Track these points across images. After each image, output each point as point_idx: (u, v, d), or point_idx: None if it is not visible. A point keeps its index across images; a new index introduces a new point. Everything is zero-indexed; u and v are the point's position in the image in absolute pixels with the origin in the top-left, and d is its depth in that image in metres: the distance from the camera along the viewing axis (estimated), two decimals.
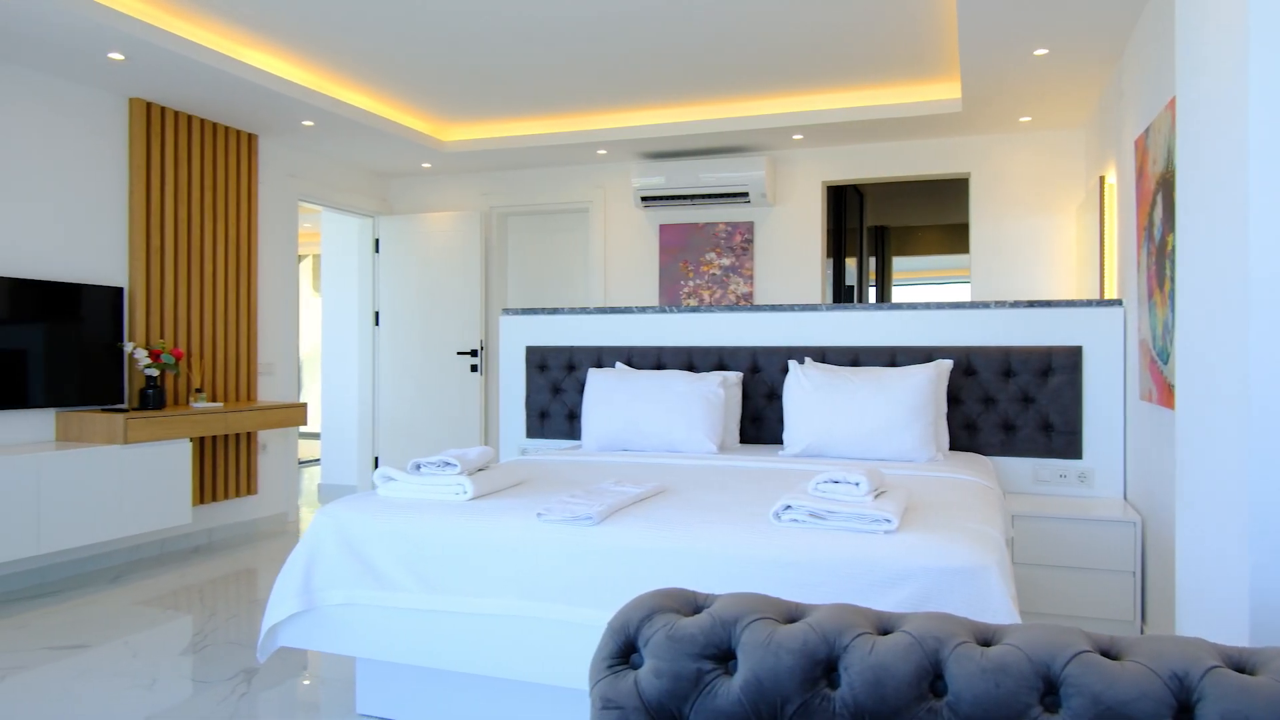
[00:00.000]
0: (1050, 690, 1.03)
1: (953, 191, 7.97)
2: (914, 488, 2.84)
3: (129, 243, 4.69)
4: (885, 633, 1.15)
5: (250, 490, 5.38)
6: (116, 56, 4.03)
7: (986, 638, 1.12)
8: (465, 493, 2.63)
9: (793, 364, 3.88)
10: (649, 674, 1.16)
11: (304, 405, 5.29)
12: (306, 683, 3.01)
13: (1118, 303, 3.75)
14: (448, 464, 2.71)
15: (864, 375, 3.71)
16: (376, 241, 6.69)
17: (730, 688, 1.13)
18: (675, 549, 2.23)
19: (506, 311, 4.72)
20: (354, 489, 6.80)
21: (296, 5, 3.83)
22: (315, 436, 8.92)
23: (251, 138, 5.38)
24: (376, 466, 6.68)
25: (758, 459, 3.51)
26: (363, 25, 4.07)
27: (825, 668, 1.11)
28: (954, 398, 3.90)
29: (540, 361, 4.61)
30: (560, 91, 5.12)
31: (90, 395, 4.42)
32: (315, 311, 9.55)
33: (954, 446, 3.90)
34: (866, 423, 3.56)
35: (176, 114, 4.88)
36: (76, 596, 4.00)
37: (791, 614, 1.21)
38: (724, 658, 1.16)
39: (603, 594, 2.28)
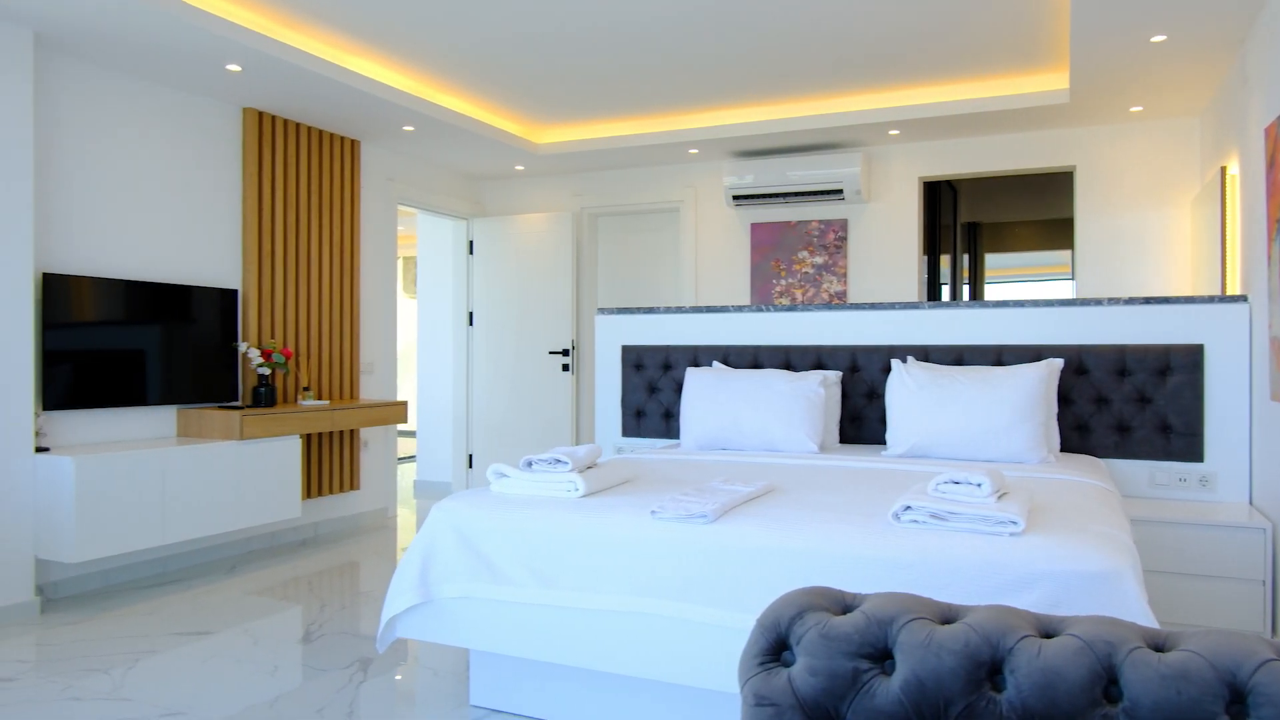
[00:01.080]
0: (1236, 699, 0.99)
1: (1052, 185, 7.73)
2: (1033, 489, 2.76)
3: (242, 246, 4.88)
4: (1048, 635, 1.12)
5: (353, 486, 5.54)
6: (234, 68, 4.20)
7: (1158, 643, 1.08)
8: (577, 490, 2.67)
9: (895, 363, 3.81)
10: (803, 672, 1.16)
11: (404, 403, 5.43)
12: (421, 673, 3.09)
13: (1242, 299, 3.58)
14: (559, 461, 2.75)
15: (970, 374, 3.62)
16: (471, 243, 6.82)
17: (889, 688, 1.11)
18: (793, 548, 2.22)
19: (602, 311, 4.76)
20: (448, 486, 6.95)
21: (402, 13, 3.93)
22: (411, 435, 9.14)
23: (354, 143, 5.55)
24: (470, 464, 6.82)
25: (861, 459, 3.46)
26: (463, 30, 4.16)
27: (989, 670, 1.09)
28: (1064, 398, 3.78)
29: (636, 360, 4.64)
30: (652, 91, 5.14)
31: (207, 393, 4.62)
32: (407, 312, 9.79)
33: (1065, 448, 3.78)
34: (974, 423, 3.48)
35: (285, 122, 5.06)
36: (196, 585, 4.18)
37: (945, 614, 1.19)
38: (880, 657, 1.15)
39: (717, 592, 2.28)
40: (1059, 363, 3.67)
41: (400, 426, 9.01)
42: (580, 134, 5.99)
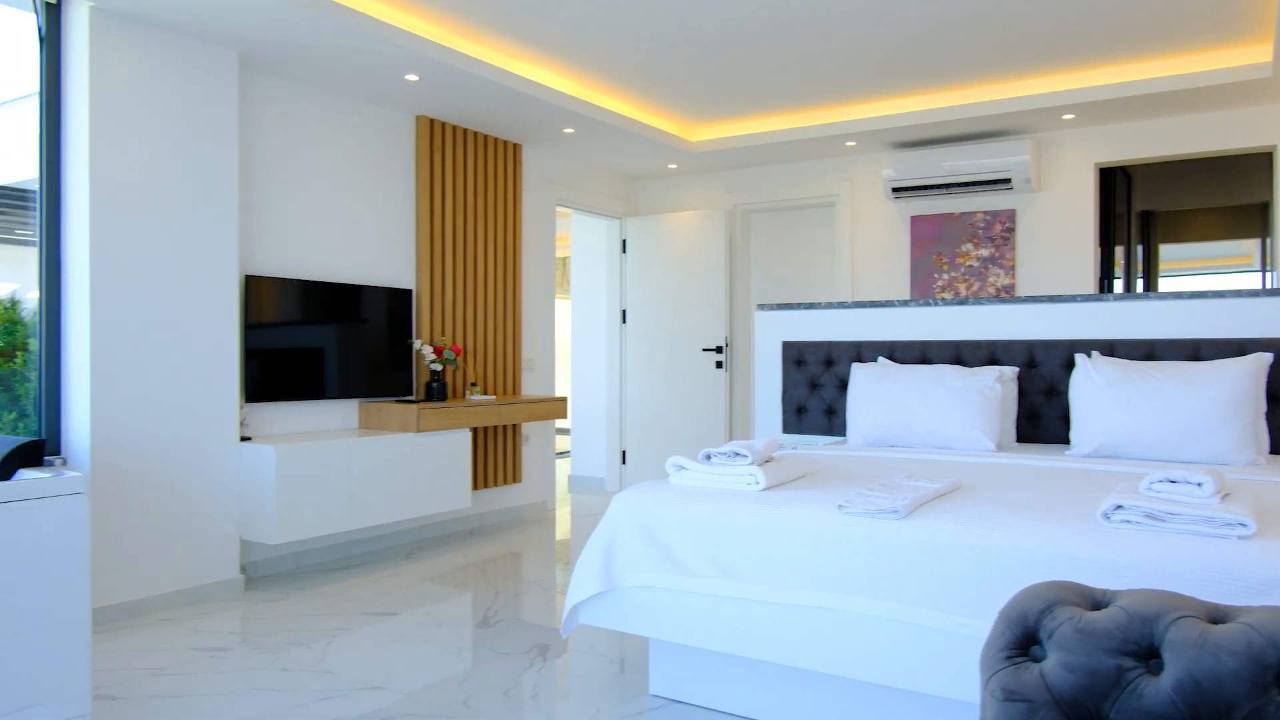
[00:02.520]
0: None
1: (1237, 168, 7.16)
2: (1258, 491, 2.56)
3: (416, 248, 5.12)
4: None
5: (515, 479, 5.72)
6: (412, 78, 4.42)
7: None
8: (758, 483, 2.66)
9: (1080, 358, 3.62)
10: (1058, 667, 1.11)
11: (564, 398, 5.57)
12: (599, 661, 3.15)
13: None
14: (738, 454, 2.75)
15: (1166, 370, 3.40)
16: (624, 242, 6.92)
17: (1158, 688, 1.06)
18: (992, 546, 2.14)
19: (762, 307, 4.73)
20: (602, 481, 7.08)
21: (568, 17, 4.03)
22: (564, 432, 9.35)
23: (516, 147, 5.73)
24: (624, 461, 6.92)
25: (1044, 458, 3.30)
26: (624, 31, 4.22)
27: (1276, 674, 1.02)
28: (1273, 396, 3.50)
29: (797, 357, 4.58)
30: (809, 84, 5.07)
31: (384, 388, 4.87)
32: (559, 312, 10.03)
33: (1275, 450, 3.49)
34: (1171, 422, 3.26)
35: (453, 128, 5.27)
36: (377, 569, 4.42)
37: (1213, 614, 1.12)
38: (1145, 655, 1.09)
39: (908, 589, 2.22)
40: (1267, 357, 3.39)
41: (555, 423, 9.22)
42: (734, 130, 5.98)
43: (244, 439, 4.10)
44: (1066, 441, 3.84)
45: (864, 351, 4.38)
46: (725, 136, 6.02)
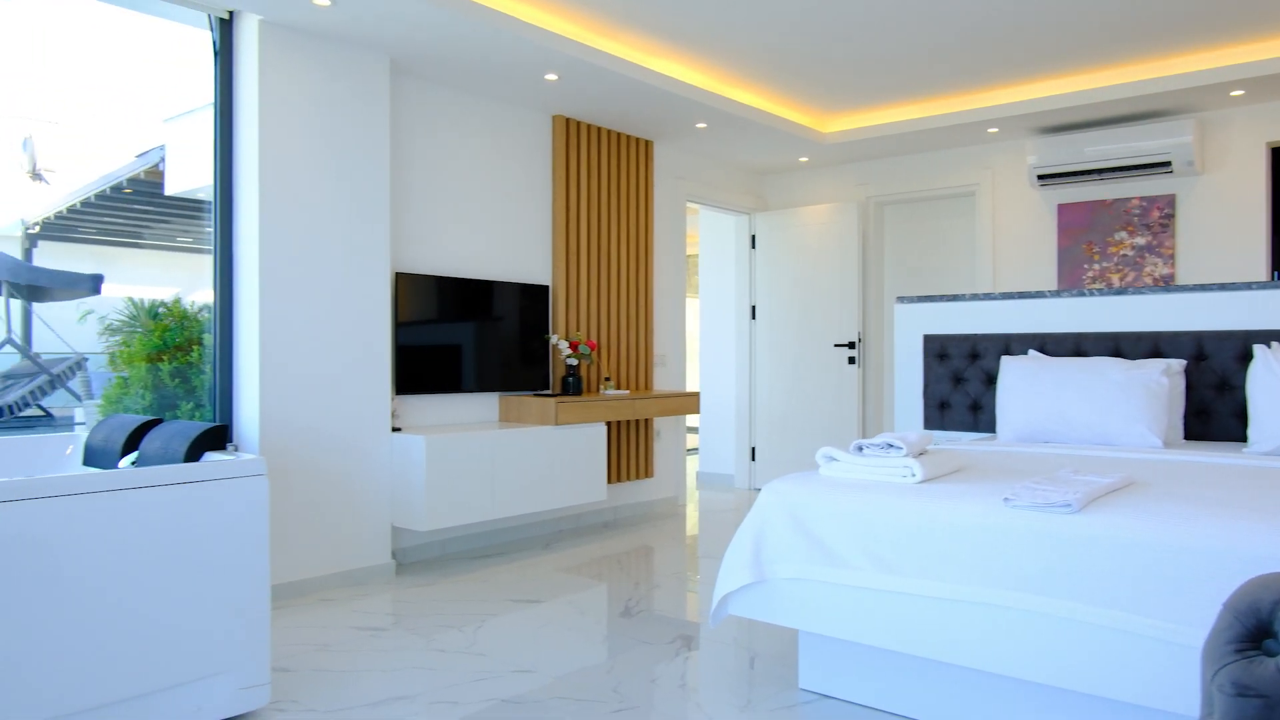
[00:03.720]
0: None
1: None
2: None
3: (552, 245, 5.22)
4: None
5: (648, 474, 5.76)
6: (551, 77, 4.51)
7: None
8: (914, 475, 2.59)
9: (1259, 349, 3.37)
10: None
11: (697, 394, 5.57)
12: (745, 654, 3.14)
13: None
14: (891, 446, 2.68)
15: None
16: (753, 237, 6.88)
17: None
18: (1180, 544, 2.01)
19: (902, 300, 4.61)
20: (730, 478, 7.04)
21: (703, 10, 4.02)
22: (693, 430, 9.37)
23: (648, 144, 5.76)
24: (754, 457, 6.87)
25: (1219, 455, 3.08)
26: (758, 22, 4.19)
27: None
28: None
29: (940, 350, 4.44)
30: (948, 69, 4.91)
31: (522, 382, 4.99)
32: (687, 308, 10.04)
33: None
34: None
35: (588, 126, 5.35)
36: (517, 559, 4.52)
37: None
38: None
39: (1082, 586, 2.11)
40: None
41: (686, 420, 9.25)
42: (868, 120, 5.85)
43: (394, 429, 4.27)
44: (1242, 439, 3.59)
45: (1013, 344, 4.20)
46: (858, 127, 5.90)
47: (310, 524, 3.88)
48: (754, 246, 6.89)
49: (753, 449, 6.88)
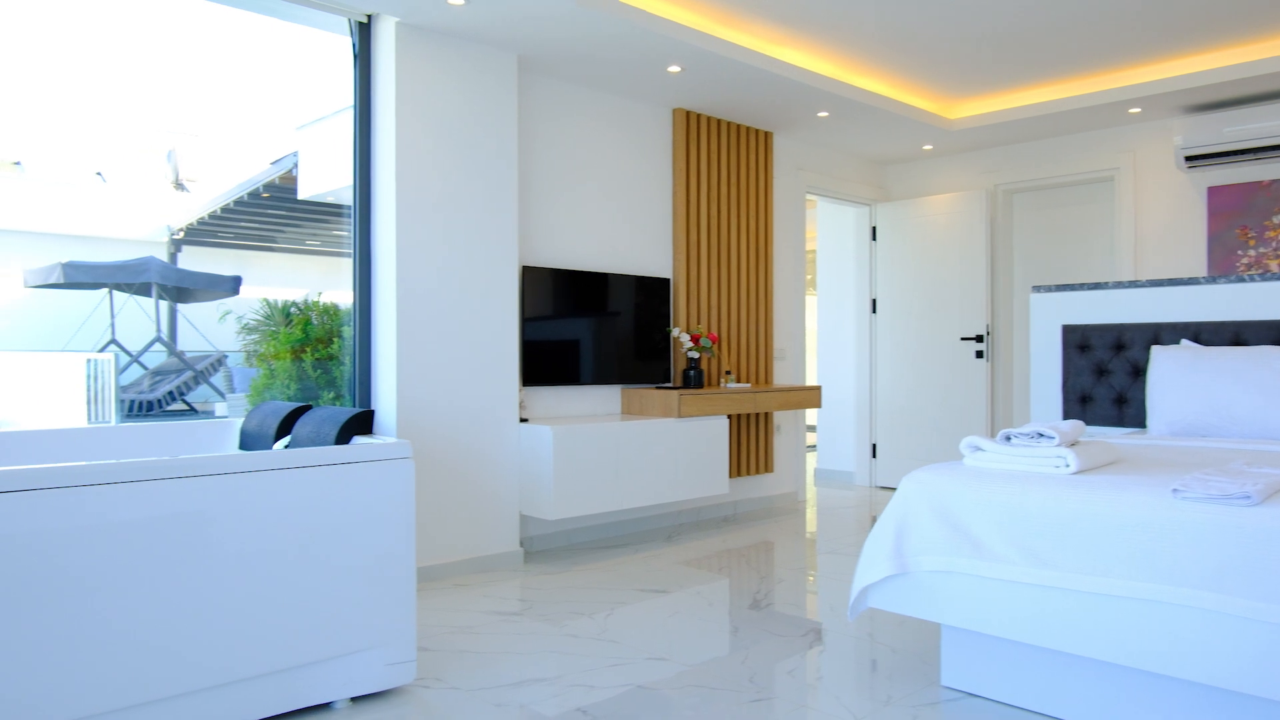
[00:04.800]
0: None
1: None
2: None
3: (673, 238, 5.23)
4: None
5: (768, 468, 5.70)
6: (674, 69, 4.51)
7: None
8: (1068, 465, 2.47)
9: None
10: None
11: (818, 388, 5.47)
12: (880, 649, 3.06)
13: None
14: (1042, 435, 2.57)
15: None
16: (874, 229, 6.72)
17: None
18: None
19: (1038, 289, 4.42)
20: (850, 475, 6.90)
21: None
22: (810, 428, 9.24)
23: (767, 135, 5.70)
24: (874, 454, 6.71)
25: None
26: (885, 4, 4.08)
27: None
28: None
29: (1080, 341, 4.24)
30: (1085, 47, 4.67)
31: (643, 374, 5.01)
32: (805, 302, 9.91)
33: None
34: None
35: (708, 119, 5.33)
36: (641, 550, 4.54)
37: None
38: None
39: (1262, 583, 1.97)
40: None
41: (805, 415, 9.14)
42: (997, 105, 5.63)
43: (522, 420, 4.34)
44: None
45: (1163, 334, 3.97)
46: (987, 112, 5.69)
47: (443, 511, 3.99)
48: (875, 238, 6.73)
49: (873, 445, 6.72)
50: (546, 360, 4.56)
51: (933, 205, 6.41)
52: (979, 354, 6.16)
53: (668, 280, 5.14)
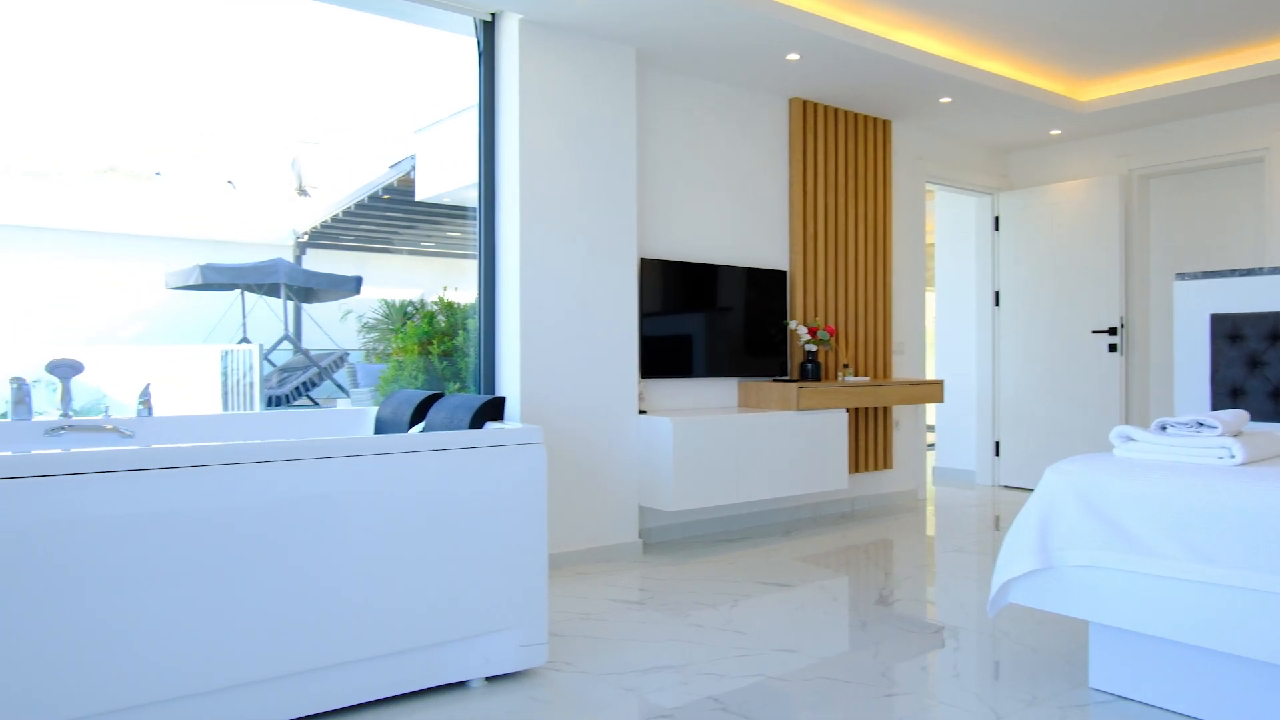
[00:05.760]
0: None
1: None
2: None
3: (789, 230, 5.16)
4: None
5: (886, 465, 5.56)
6: (793, 56, 4.45)
7: None
8: (1233, 456, 2.32)
9: None
10: None
11: (940, 382, 5.32)
12: (1018, 648, 2.94)
13: None
14: (1203, 425, 2.42)
15: None
16: (996, 219, 6.49)
17: None
18: None
19: (1182, 276, 4.18)
20: (971, 474, 6.68)
21: None
22: (929, 428, 8.99)
23: (886, 124, 5.57)
24: (997, 452, 6.48)
25: None
26: None
27: None
28: None
29: (1231, 331, 3.98)
30: (1232, 19, 4.38)
31: (760, 367, 4.96)
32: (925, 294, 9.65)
33: None
34: None
35: (824, 108, 5.25)
36: (759, 544, 4.49)
37: None
38: None
39: None
40: None
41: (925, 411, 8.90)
42: (1132, 84, 5.35)
43: (640, 412, 4.36)
44: None
45: None
46: (1121, 92, 5.41)
47: (565, 501, 4.04)
48: (997, 229, 6.49)
49: (996, 443, 6.49)
50: (661, 352, 4.56)
51: (1061, 192, 6.14)
52: (1112, 347, 5.87)
53: (784, 272, 5.07)
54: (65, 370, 2.77)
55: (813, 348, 4.96)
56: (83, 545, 1.99)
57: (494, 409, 2.82)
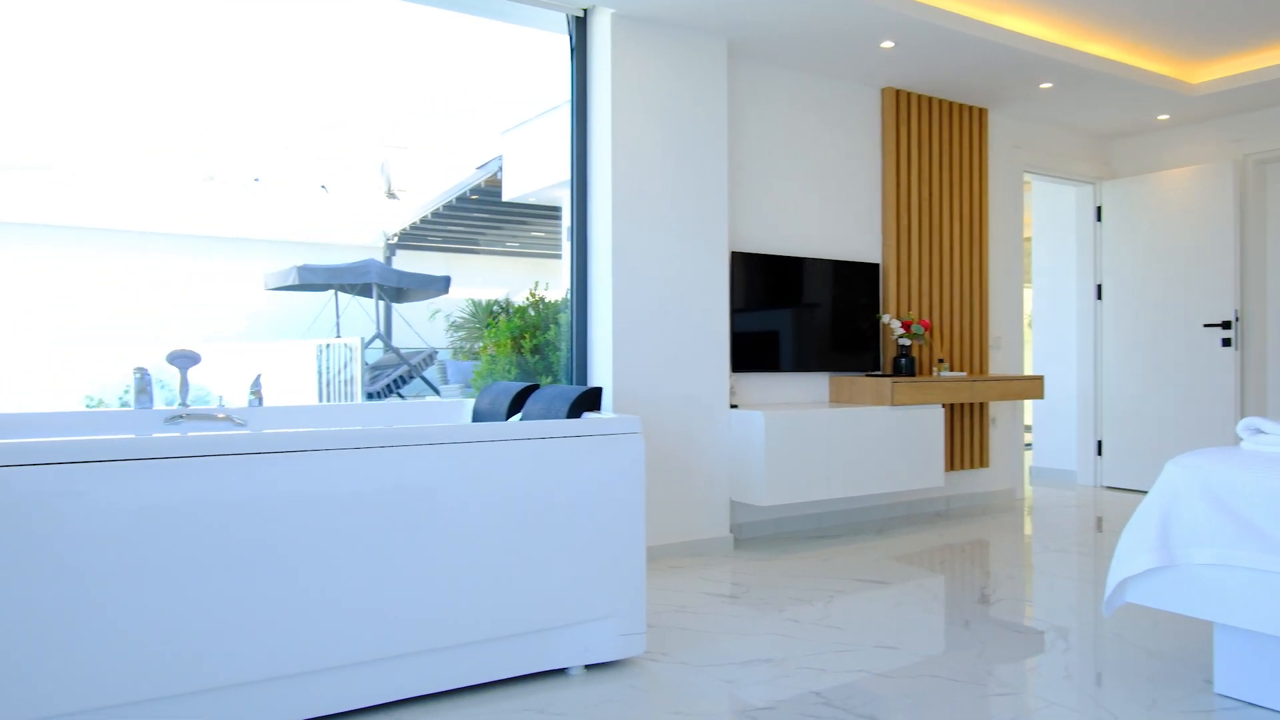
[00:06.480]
0: None
1: None
2: None
3: (882, 222, 5.06)
4: None
5: (983, 463, 5.41)
6: (887, 44, 4.36)
7: None
8: None
9: None
10: None
11: (1040, 378, 5.14)
12: (1134, 650, 2.82)
13: None
14: None
15: None
16: (1099, 209, 6.24)
17: None
18: None
19: None
20: (1072, 474, 6.45)
21: None
22: (1026, 428, 8.72)
23: (981, 112, 5.42)
24: (1100, 452, 6.23)
25: None
26: None
27: None
28: None
29: None
30: None
31: (851, 362, 4.88)
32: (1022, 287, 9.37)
33: None
34: None
35: (918, 98, 5.13)
36: (852, 541, 4.41)
37: None
38: None
39: None
40: None
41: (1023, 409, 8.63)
42: (1249, 64, 5.08)
43: (731, 406, 4.33)
44: None
45: None
46: (1235, 73, 5.14)
47: (656, 494, 4.04)
48: (1099, 219, 6.25)
49: (1098, 442, 6.24)
50: (752, 346, 4.53)
51: (1169, 180, 5.88)
52: (1225, 341, 5.59)
53: (876, 265, 4.98)
54: (184, 361, 2.89)
55: (906, 342, 4.85)
56: (201, 524, 2.07)
57: (591, 400, 2.83)
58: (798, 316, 4.70)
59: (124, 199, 10.13)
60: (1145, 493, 5.86)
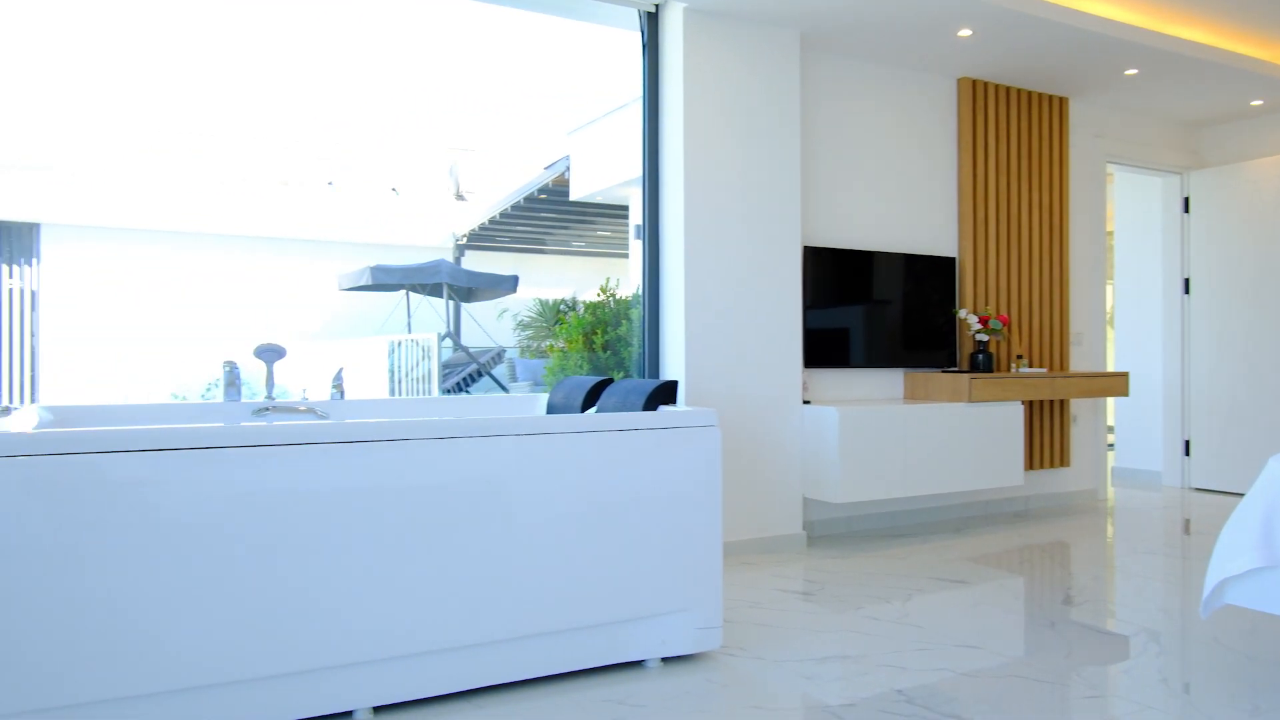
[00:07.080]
0: None
1: None
2: None
3: (958, 215, 4.95)
4: None
5: (1063, 462, 5.26)
6: (965, 32, 4.27)
7: None
8: None
9: None
10: None
11: (1124, 374, 4.98)
12: (1235, 654, 2.71)
13: None
14: None
15: None
16: (1186, 200, 6.02)
17: None
18: None
19: None
20: (1157, 475, 6.22)
21: None
22: (1109, 429, 8.47)
23: (1062, 101, 5.27)
24: (1187, 452, 6.01)
25: None
26: None
27: None
28: None
29: None
30: None
31: (927, 358, 4.78)
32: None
33: None
34: None
35: (995, 87, 5.00)
36: (929, 540, 4.33)
37: None
38: None
39: None
40: None
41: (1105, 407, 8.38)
42: None
43: (805, 402, 4.29)
44: None
45: None
46: None
47: (729, 490, 4.01)
48: (1187, 211, 6.02)
49: (1186, 443, 6.02)
50: (825, 342, 4.47)
51: (1263, 169, 5.63)
52: None
53: (952, 259, 4.87)
54: (270, 355, 2.97)
55: (984, 337, 4.74)
56: (284, 512, 2.12)
57: (667, 393, 2.83)
58: (871, 311, 4.63)
59: (206, 203, 10.47)
60: (1237, 495, 5.63)
